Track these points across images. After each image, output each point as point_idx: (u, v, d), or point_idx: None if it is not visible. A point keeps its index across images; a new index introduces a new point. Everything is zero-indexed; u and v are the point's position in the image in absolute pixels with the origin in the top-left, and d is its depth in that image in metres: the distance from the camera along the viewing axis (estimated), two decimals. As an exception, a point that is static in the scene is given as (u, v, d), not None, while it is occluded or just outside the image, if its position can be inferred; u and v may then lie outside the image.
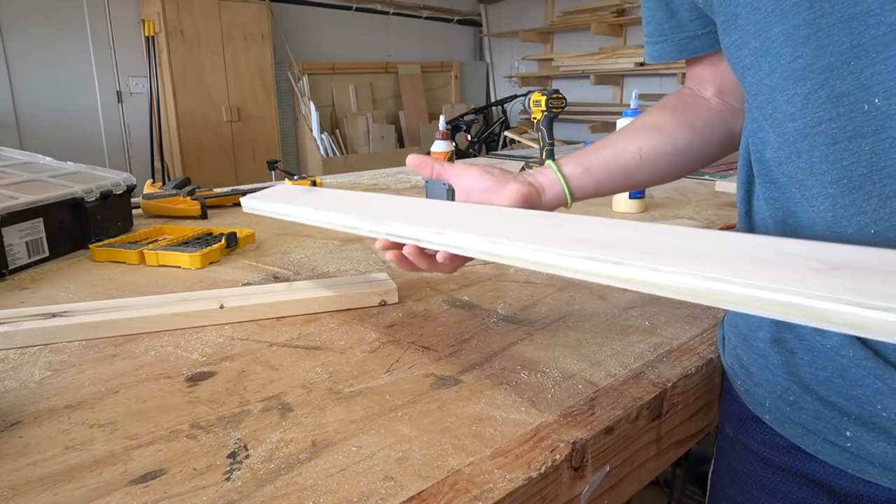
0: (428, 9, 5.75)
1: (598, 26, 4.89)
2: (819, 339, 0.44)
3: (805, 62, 0.39)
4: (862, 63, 0.36)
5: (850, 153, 0.38)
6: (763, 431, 0.51)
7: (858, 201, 0.39)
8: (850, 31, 0.36)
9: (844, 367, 0.43)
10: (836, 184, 0.40)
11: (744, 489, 0.54)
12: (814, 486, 0.48)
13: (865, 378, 0.42)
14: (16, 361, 0.56)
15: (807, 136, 0.41)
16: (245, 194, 1.32)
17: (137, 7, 4.01)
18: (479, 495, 0.37)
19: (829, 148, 0.39)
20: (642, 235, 0.39)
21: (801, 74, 0.40)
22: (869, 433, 0.43)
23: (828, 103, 0.39)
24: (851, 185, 0.39)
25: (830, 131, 0.39)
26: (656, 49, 0.58)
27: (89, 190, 0.95)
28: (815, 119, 0.40)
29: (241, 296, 0.67)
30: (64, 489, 0.38)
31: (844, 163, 0.39)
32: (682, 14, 0.55)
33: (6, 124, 3.57)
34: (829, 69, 0.38)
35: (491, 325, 0.64)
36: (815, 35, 0.38)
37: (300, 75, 4.79)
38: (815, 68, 0.39)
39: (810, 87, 0.39)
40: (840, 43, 0.37)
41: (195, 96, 4.06)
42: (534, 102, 1.43)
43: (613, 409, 0.48)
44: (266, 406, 0.48)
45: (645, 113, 0.62)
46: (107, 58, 3.95)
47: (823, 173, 0.40)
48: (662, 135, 0.58)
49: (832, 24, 0.37)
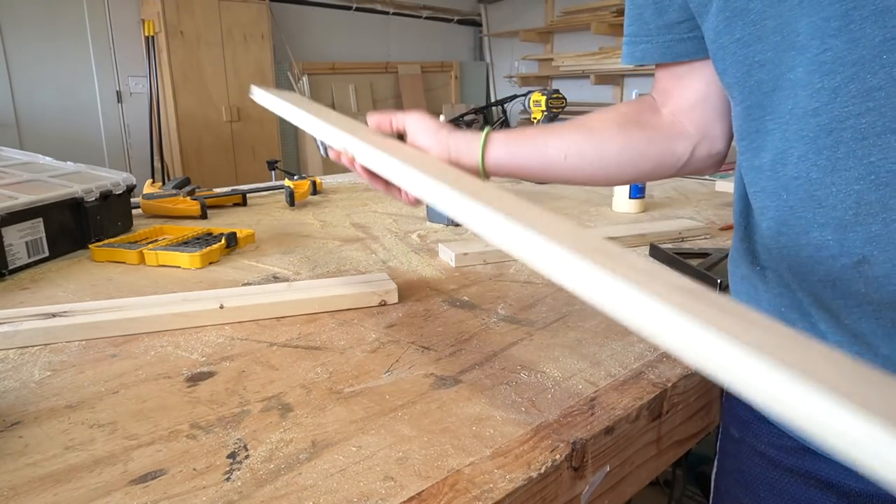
0: (428, 9, 5.75)
1: (598, 26, 4.88)
2: (822, 335, 0.44)
3: (835, 55, 0.38)
4: (894, 57, 0.36)
5: (878, 149, 0.38)
6: (770, 433, 0.51)
7: (885, 198, 0.38)
8: (884, 24, 0.36)
9: None
10: (863, 180, 0.39)
11: (751, 491, 0.54)
12: (822, 486, 0.48)
13: None
14: (16, 361, 0.56)
15: (831, 132, 0.40)
16: (245, 194, 1.32)
17: (137, 7, 4.01)
18: (479, 495, 0.37)
19: (856, 143, 0.39)
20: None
21: (830, 68, 0.39)
22: None
23: (858, 97, 0.38)
24: (879, 182, 0.38)
25: (859, 126, 0.38)
26: (640, 50, 0.56)
27: (89, 190, 0.95)
28: (843, 114, 0.39)
29: (241, 296, 0.67)
30: (64, 489, 0.38)
31: (872, 158, 0.38)
32: (670, 15, 0.53)
33: (6, 124, 3.57)
34: (860, 62, 0.37)
35: (491, 325, 0.64)
36: (847, 28, 0.37)
37: (300, 75, 4.78)
38: (846, 62, 0.38)
39: (840, 81, 0.39)
40: (873, 36, 0.37)
41: (195, 96, 4.06)
42: (534, 102, 1.43)
43: (613, 409, 0.48)
44: (266, 406, 0.48)
45: (598, 111, 0.62)
46: (107, 58, 3.94)
47: (849, 169, 0.40)
48: (595, 141, 0.59)
49: (865, 17, 0.37)
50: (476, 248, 0.87)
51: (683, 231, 1.01)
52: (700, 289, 0.30)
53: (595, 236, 0.37)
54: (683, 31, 0.53)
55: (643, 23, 0.56)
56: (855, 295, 0.41)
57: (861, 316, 0.41)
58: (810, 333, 0.44)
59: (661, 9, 0.54)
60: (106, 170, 1.07)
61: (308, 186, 1.34)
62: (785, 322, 0.47)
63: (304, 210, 1.27)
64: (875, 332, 0.41)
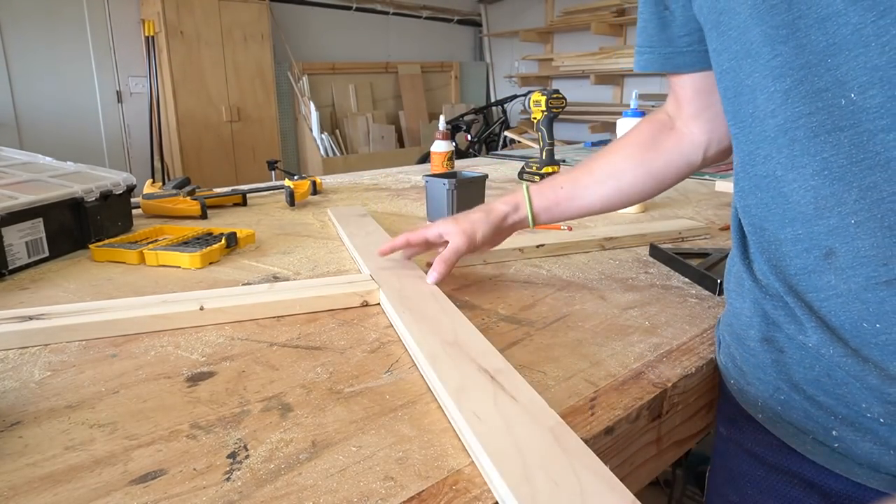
0: (428, 9, 5.76)
1: (598, 26, 4.89)
2: (802, 337, 0.45)
3: (784, 60, 0.41)
4: (837, 60, 0.38)
5: (830, 145, 0.40)
6: (756, 430, 0.52)
7: (839, 192, 0.40)
8: (825, 30, 0.38)
9: (830, 366, 0.43)
10: (818, 175, 0.41)
11: (738, 488, 0.54)
12: (806, 485, 0.48)
13: (847, 377, 0.42)
14: (16, 361, 0.56)
15: (787, 131, 0.42)
16: (245, 194, 1.32)
17: (137, 7, 4.01)
18: (479, 495, 0.37)
19: (809, 141, 0.41)
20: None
21: (781, 72, 0.41)
22: (855, 433, 0.43)
23: (807, 98, 0.40)
24: (832, 177, 0.40)
25: (810, 125, 0.41)
26: (644, 59, 0.61)
27: (89, 190, 0.95)
28: (795, 114, 0.41)
29: (222, 297, 0.67)
30: (64, 489, 0.38)
31: (825, 154, 0.40)
32: (673, 29, 0.57)
33: (6, 124, 3.57)
34: (807, 66, 0.40)
35: (491, 325, 0.64)
36: (794, 35, 0.40)
37: (300, 75, 4.79)
38: (794, 66, 0.40)
39: (790, 84, 0.41)
40: (817, 42, 0.39)
41: (195, 96, 4.06)
42: (534, 102, 1.43)
43: (613, 409, 0.48)
44: (266, 406, 0.48)
45: (618, 149, 0.70)
46: (107, 58, 3.95)
47: (804, 166, 0.42)
48: (619, 184, 0.70)
49: (809, 25, 0.39)
50: (476, 249, 0.87)
51: (683, 231, 1.01)
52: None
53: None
54: (684, 45, 0.58)
55: (647, 34, 0.60)
56: (826, 287, 0.43)
57: (832, 308, 0.43)
58: (791, 324, 0.46)
59: (664, 23, 0.58)
60: (106, 170, 1.07)
61: (308, 186, 1.34)
62: (764, 314, 0.49)
63: (304, 210, 1.27)
64: (843, 325, 0.42)
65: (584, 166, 0.72)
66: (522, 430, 0.41)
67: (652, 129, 0.69)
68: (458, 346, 0.54)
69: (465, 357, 0.52)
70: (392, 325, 0.63)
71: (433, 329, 0.58)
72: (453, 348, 0.53)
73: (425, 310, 0.62)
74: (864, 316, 0.41)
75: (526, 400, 0.45)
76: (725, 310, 0.57)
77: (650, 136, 0.69)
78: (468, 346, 0.54)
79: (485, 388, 0.46)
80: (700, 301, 0.72)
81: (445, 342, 0.55)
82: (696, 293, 0.74)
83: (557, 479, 0.36)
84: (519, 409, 0.43)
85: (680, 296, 0.73)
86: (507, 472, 0.36)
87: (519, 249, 0.88)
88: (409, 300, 0.65)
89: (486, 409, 0.43)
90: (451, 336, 0.56)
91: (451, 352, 0.53)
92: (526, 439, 0.40)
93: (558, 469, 0.37)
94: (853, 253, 0.40)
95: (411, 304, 0.64)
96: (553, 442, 0.39)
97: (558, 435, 0.40)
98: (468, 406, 0.44)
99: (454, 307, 0.64)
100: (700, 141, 0.65)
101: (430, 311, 0.62)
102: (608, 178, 0.70)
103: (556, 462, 0.37)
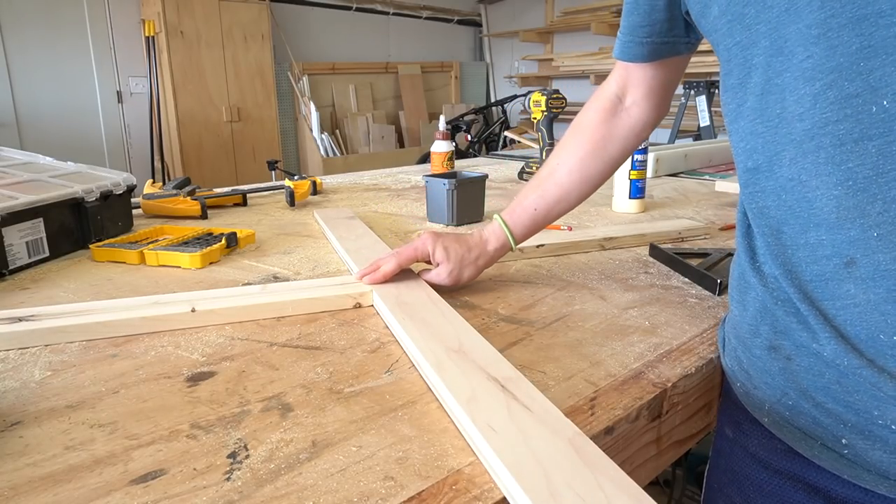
0: (428, 9, 5.75)
1: (598, 26, 4.89)
2: (816, 346, 0.44)
3: (815, 62, 0.39)
4: (871, 64, 0.36)
5: (856, 155, 0.38)
6: (761, 434, 0.51)
7: (862, 203, 0.39)
8: (861, 31, 0.36)
9: (841, 374, 0.43)
10: (841, 185, 0.39)
11: (741, 490, 0.54)
12: (810, 490, 0.48)
13: (861, 386, 0.42)
14: (16, 361, 0.56)
15: (814, 137, 0.40)
16: (245, 194, 1.32)
17: (137, 7, 4.01)
18: (479, 495, 0.37)
19: (835, 149, 0.39)
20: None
21: (811, 74, 0.39)
22: (865, 441, 0.43)
23: (835, 104, 0.38)
24: (856, 188, 0.39)
25: (837, 133, 0.39)
26: (628, 48, 0.65)
27: (89, 190, 0.95)
28: (822, 120, 0.40)
29: (214, 299, 0.67)
30: (64, 489, 0.38)
31: (850, 164, 0.39)
32: (656, 15, 0.60)
33: (6, 124, 3.57)
34: (837, 70, 0.38)
35: (491, 325, 0.64)
36: (826, 35, 0.38)
37: (300, 75, 4.78)
38: (825, 69, 0.38)
39: (819, 88, 0.39)
40: (850, 44, 0.37)
41: (195, 96, 4.06)
42: (534, 102, 1.43)
43: (613, 409, 0.48)
44: (266, 406, 0.48)
45: (576, 151, 0.72)
46: (107, 58, 3.95)
47: (829, 175, 0.40)
48: (588, 186, 0.73)
49: (842, 25, 0.37)
50: (476, 249, 0.87)
51: (683, 231, 1.01)
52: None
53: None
54: (668, 35, 0.61)
55: (631, 23, 0.63)
56: (845, 295, 0.42)
57: (848, 318, 0.42)
58: (803, 331, 0.45)
59: (646, 11, 0.61)
60: (106, 170, 1.07)
61: (308, 186, 1.34)
62: (772, 320, 0.48)
63: (304, 210, 1.27)
64: (859, 335, 0.41)
65: (551, 178, 0.72)
66: (540, 443, 0.39)
67: (605, 116, 0.71)
68: (464, 353, 0.53)
69: (473, 365, 0.50)
70: (390, 329, 0.63)
71: (436, 336, 0.56)
72: (459, 356, 0.52)
73: (425, 315, 0.61)
74: (881, 328, 0.40)
75: (540, 409, 0.43)
76: (729, 312, 0.56)
77: (606, 127, 0.71)
78: (474, 354, 0.52)
79: (496, 397, 0.45)
80: (700, 301, 0.72)
81: (450, 349, 0.53)
82: (696, 293, 0.74)
83: (584, 495, 0.34)
84: (534, 419, 0.42)
85: (680, 296, 0.73)
86: (531, 489, 0.35)
87: (519, 249, 0.88)
88: (408, 306, 0.64)
89: (500, 420, 0.42)
90: (455, 343, 0.55)
91: (456, 360, 0.51)
92: (545, 451, 0.38)
93: (582, 484, 0.35)
94: (874, 265, 0.39)
95: (410, 309, 0.63)
96: (574, 455, 0.38)
97: (578, 447, 0.39)
98: (481, 417, 0.42)
99: (454, 311, 0.63)
100: (651, 119, 0.70)
101: (430, 316, 0.61)
102: (580, 184, 0.72)
103: (579, 476, 0.36)
